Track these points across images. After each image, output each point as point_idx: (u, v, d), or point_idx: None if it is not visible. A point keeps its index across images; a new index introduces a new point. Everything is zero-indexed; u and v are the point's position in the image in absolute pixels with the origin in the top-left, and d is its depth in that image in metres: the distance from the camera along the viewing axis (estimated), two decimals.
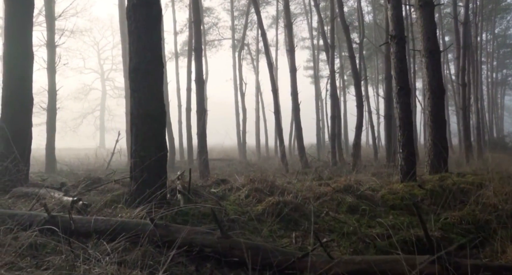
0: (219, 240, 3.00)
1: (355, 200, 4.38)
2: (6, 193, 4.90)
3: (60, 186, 5.63)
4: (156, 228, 3.01)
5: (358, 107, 12.59)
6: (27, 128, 5.62)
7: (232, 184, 5.31)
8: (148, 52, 4.05)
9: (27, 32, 5.64)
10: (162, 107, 4.19)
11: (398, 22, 5.45)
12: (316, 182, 5.77)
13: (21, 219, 3.03)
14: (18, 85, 5.51)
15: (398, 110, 5.46)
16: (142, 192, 3.88)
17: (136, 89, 4.06)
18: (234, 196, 4.84)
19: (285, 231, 3.79)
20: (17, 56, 5.52)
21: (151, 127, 4.07)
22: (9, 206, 4.22)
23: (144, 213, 3.29)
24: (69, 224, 2.87)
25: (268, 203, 4.22)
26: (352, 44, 14.16)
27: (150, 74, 4.05)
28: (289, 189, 4.94)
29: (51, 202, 4.10)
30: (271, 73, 13.00)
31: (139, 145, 4.06)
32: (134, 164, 4.08)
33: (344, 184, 4.94)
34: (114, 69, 49.10)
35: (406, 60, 5.47)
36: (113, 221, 3.06)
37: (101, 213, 3.80)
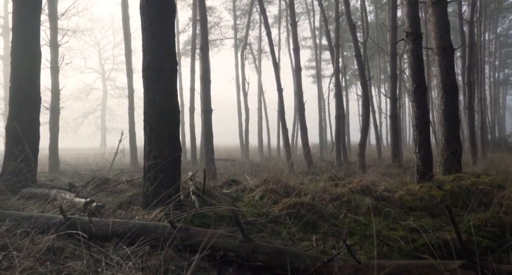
0: (241, 243, 2.89)
1: (373, 202, 4.27)
2: (15, 193, 4.79)
3: (69, 187, 5.53)
4: (176, 231, 2.90)
5: (365, 106, 12.48)
6: (35, 128, 5.51)
7: (245, 184, 5.20)
8: (163, 49, 3.94)
9: (35, 30, 5.54)
10: (176, 106, 4.08)
11: (414, 19, 5.33)
12: (329, 182, 5.67)
13: (36, 221, 2.92)
14: (26, 84, 5.41)
15: (414, 109, 5.35)
16: (157, 194, 3.77)
17: (150, 87, 3.95)
18: (248, 197, 4.73)
19: (304, 234, 3.68)
20: (25, 55, 5.42)
21: (166, 126, 3.96)
22: (19, 207, 4.11)
23: (162, 215, 3.18)
24: (88, 227, 2.76)
25: (285, 204, 4.11)
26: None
27: (164, 72, 3.94)
28: (303, 190, 4.84)
29: (63, 204, 3.99)
30: (276, 72, 12.89)
31: (153, 145, 3.95)
32: (148, 164, 3.97)
33: (360, 184, 4.83)
34: (115, 69, 49.09)
35: (422, 58, 5.35)
36: (131, 223, 2.95)
37: (114, 215, 3.69)
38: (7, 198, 4.45)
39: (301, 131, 14.26)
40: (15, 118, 5.31)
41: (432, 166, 5.37)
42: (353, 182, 5.44)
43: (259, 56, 27.75)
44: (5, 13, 28.31)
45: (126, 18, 17.78)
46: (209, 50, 9.56)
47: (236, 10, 28.39)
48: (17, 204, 4.27)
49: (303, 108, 14.17)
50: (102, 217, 3.50)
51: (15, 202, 4.33)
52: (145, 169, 4.04)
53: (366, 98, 12.57)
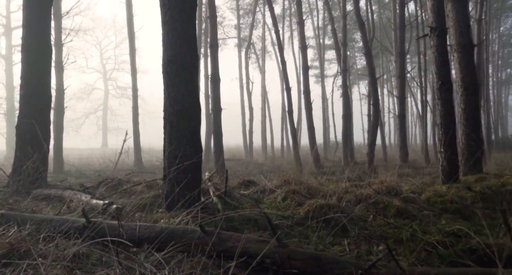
0: (276, 249, 2.71)
1: (402, 203, 4.09)
2: (27, 194, 4.61)
3: (81, 188, 5.35)
4: (207, 235, 2.72)
5: (374, 106, 12.30)
6: (46, 127, 5.33)
7: (263, 185, 5.02)
8: (185, 43, 3.76)
9: (46, 25, 5.36)
10: (198, 103, 3.90)
11: (439, 13, 5.13)
12: (349, 183, 5.49)
13: (58, 225, 2.74)
14: (37, 82, 5.23)
15: (439, 107, 5.16)
16: (180, 195, 3.59)
17: (171, 84, 3.76)
18: (269, 198, 4.55)
19: (334, 238, 3.49)
20: (36, 51, 5.24)
21: (187, 125, 3.78)
22: (33, 209, 3.93)
23: (189, 218, 3.00)
24: (114, 231, 2.58)
25: (311, 206, 3.93)
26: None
27: (185, 68, 3.76)
28: (326, 191, 4.66)
29: (80, 206, 3.82)
30: (284, 71, 12.71)
31: (174, 144, 3.76)
32: (168, 164, 3.79)
33: (385, 185, 4.65)
34: (116, 69, 48.90)
35: (447, 54, 5.17)
36: (157, 227, 2.77)
37: (134, 217, 3.52)
38: (20, 199, 4.27)
39: (309, 131, 14.07)
40: (26, 117, 5.13)
41: (458, 166, 5.19)
42: (375, 183, 5.26)
43: (263, 55, 27.57)
44: (7, 12, 28.11)
45: (130, 17, 17.59)
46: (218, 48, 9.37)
47: (239, 9, 28.20)
48: (31, 205, 4.09)
49: (311, 107, 13.99)
50: (123, 220, 3.32)
51: (28, 203, 4.15)
52: (165, 170, 3.86)
53: (375, 97, 12.39)
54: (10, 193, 4.59)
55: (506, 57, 43.63)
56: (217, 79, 9.25)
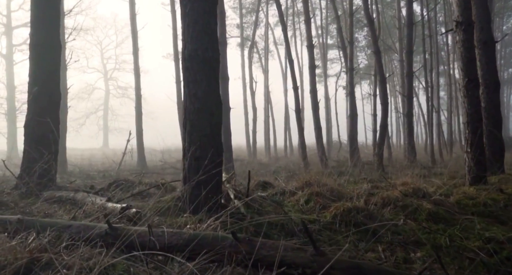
0: (313, 257, 2.50)
1: (433, 206, 3.88)
2: (37, 197, 4.40)
3: (90, 189, 5.15)
4: (239, 243, 2.51)
5: (383, 105, 12.09)
6: (55, 126, 5.12)
7: (283, 187, 4.82)
8: (206, 36, 3.55)
9: (55, 22, 5.15)
10: (220, 100, 3.69)
11: (465, 7, 4.92)
12: (369, 184, 5.28)
13: (77, 231, 2.53)
14: (46, 80, 5.02)
15: (465, 105, 4.96)
16: (200, 198, 3.38)
17: (191, 80, 3.55)
18: (291, 201, 4.35)
19: (366, 243, 3.29)
20: (44, 48, 5.03)
21: (209, 123, 3.57)
22: (46, 212, 3.72)
23: (218, 223, 2.79)
24: (142, 239, 2.37)
25: (338, 209, 3.72)
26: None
27: (207, 63, 3.55)
28: (350, 193, 4.46)
29: (94, 209, 3.61)
30: (292, 69, 12.51)
31: (194, 144, 3.56)
32: (188, 166, 3.58)
33: (411, 187, 4.45)
34: (117, 69, 48.69)
35: (474, 49, 4.96)
36: (186, 234, 2.56)
37: (153, 222, 3.31)
38: (31, 202, 4.06)
39: (316, 131, 13.88)
40: (34, 116, 4.92)
41: (486, 167, 4.99)
42: (397, 184, 5.06)
43: (266, 55, 27.36)
44: (8, 11, 27.88)
45: (133, 15, 17.36)
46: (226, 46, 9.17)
47: (241, 8, 27.99)
48: (43, 208, 3.88)
49: (318, 107, 13.81)
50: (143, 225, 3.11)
51: (40, 206, 3.94)
52: (184, 171, 3.65)
53: (384, 97, 12.18)
54: (19, 195, 4.38)
55: (508, 56, 43.52)
56: (226, 78, 9.05)
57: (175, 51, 16.07)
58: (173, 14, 16.12)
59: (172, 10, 16.12)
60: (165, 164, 17.92)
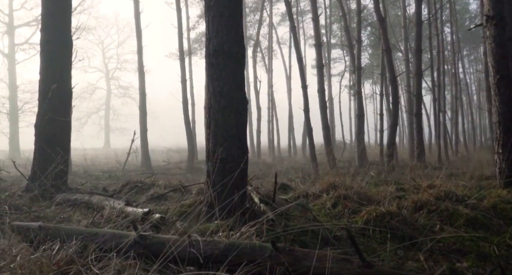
0: (360, 269, 2.30)
1: (471, 211, 3.67)
2: (48, 200, 4.20)
3: (102, 191, 4.94)
4: (280, 253, 2.31)
5: (394, 104, 11.90)
6: (67, 125, 4.92)
7: (305, 189, 4.61)
8: (232, 30, 3.34)
9: (66, 17, 4.94)
10: (246, 98, 3.49)
11: (496, 1, 4.69)
12: (393, 186, 5.07)
13: (104, 239, 2.33)
14: (57, 77, 4.81)
15: (496, 103, 4.75)
16: (226, 202, 3.17)
17: (216, 76, 3.35)
18: (316, 204, 4.14)
19: (405, 251, 3.08)
20: (56, 44, 4.83)
21: (235, 123, 3.36)
22: (61, 217, 3.52)
23: (253, 231, 2.58)
24: (176, 248, 2.16)
25: (370, 214, 3.52)
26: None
27: (233, 58, 3.34)
28: (378, 196, 4.25)
29: (113, 214, 3.41)
30: (301, 68, 12.28)
31: (220, 145, 3.35)
32: (213, 168, 3.37)
33: (441, 190, 4.24)
34: (119, 68, 48.47)
35: (506, 44, 4.74)
36: (221, 243, 2.36)
37: (179, 228, 3.10)
38: (45, 206, 3.85)
39: (324, 131, 13.66)
40: (45, 115, 4.72)
41: None
42: (423, 186, 4.85)
43: (269, 54, 27.14)
44: (10, 10, 27.67)
45: (138, 14, 17.13)
46: None
47: (245, 7, 27.77)
48: (57, 212, 3.68)
49: (326, 106, 13.59)
50: (168, 230, 2.90)
51: (54, 210, 3.73)
52: (209, 173, 3.45)
53: (395, 96, 11.99)
54: (31, 198, 4.18)
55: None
56: None
57: (180, 50, 15.85)
58: (178, 13, 15.89)
59: (178, 9, 15.90)
60: (169, 164, 17.76)
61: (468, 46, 40.06)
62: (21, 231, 2.37)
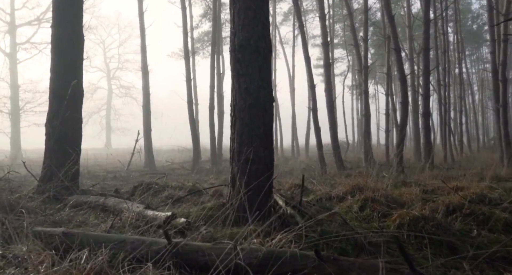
0: None
1: (510, 215, 3.48)
2: (59, 202, 4.01)
3: (115, 193, 4.76)
4: (324, 262, 2.13)
5: (403, 104, 11.71)
6: (78, 125, 4.73)
7: (327, 191, 4.43)
8: (259, 24, 3.16)
9: (78, 12, 4.76)
10: (272, 96, 3.30)
11: None
12: (416, 188, 4.89)
13: (132, 246, 2.14)
14: (68, 75, 4.62)
15: None
16: (256, 206, 2.99)
17: (243, 73, 3.16)
18: (342, 207, 3.95)
19: (445, 258, 2.89)
20: (68, 40, 4.65)
21: (261, 122, 3.18)
22: (77, 220, 3.33)
23: (291, 237, 2.40)
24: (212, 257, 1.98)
25: (403, 218, 3.33)
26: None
27: (260, 53, 3.17)
28: (406, 199, 4.07)
29: (132, 217, 3.22)
30: (309, 67, 12.11)
31: (245, 145, 3.17)
32: (238, 168, 3.19)
33: (472, 192, 4.06)
34: (120, 68, 48.28)
35: None
36: (259, 252, 2.17)
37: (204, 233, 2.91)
38: (59, 208, 3.66)
39: (331, 131, 13.49)
40: (57, 114, 4.53)
41: None
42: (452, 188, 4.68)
43: (274, 54, 26.98)
44: (12, 10, 27.47)
45: (141, 12, 16.94)
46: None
47: None
48: (72, 215, 3.49)
49: (333, 106, 13.44)
50: (192, 236, 2.72)
51: (68, 213, 3.55)
52: (233, 174, 3.27)
53: (404, 95, 11.80)
54: (43, 200, 3.99)
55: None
56: None
57: (185, 49, 15.67)
58: (183, 11, 15.72)
59: (183, 7, 15.72)
60: (172, 164, 17.58)
61: (469, 46, 39.92)
62: (42, 237, 2.19)
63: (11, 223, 2.85)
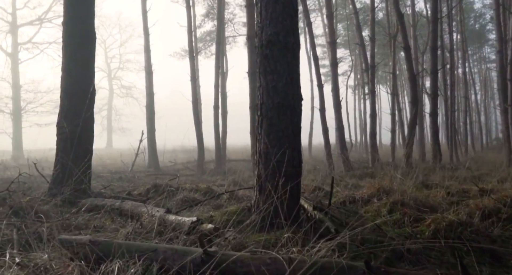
0: None
1: None
2: (73, 205, 3.84)
3: (128, 196, 4.59)
4: (374, 274, 1.95)
5: (413, 103, 11.55)
6: (90, 124, 4.56)
7: (350, 194, 4.26)
8: (288, 18, 2.99)
9: (90, 8, 4.58)
10: (300, 94, 3.13)
11: None
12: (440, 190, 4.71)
13: (165, 256, 1.97)
14: (80, 72, 4.45)
15: None
16: (286, 211, 2.82)
17: (270, 70, 2.99)
18: (368, 211, 3.78)
19: (491, 268, 2.71)
20: (80, 38, 4.47)
21: (290, 122, 3.01)
22: (95, 225, 3.16)
23: (334, 246, 2.22)
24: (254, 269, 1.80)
25: (439, 223, 3.16)
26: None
27: (289, 49, 3.00)
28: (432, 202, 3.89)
29: (153, 222, 3.05)
30: (317, 66, 11.95)
31: (273, 146, 3.00)
32: (265, 171, 3.02)
33: (509, 195, 3.88)
34: (121, 68, 48.09)
35: None
36: (302, 262, 2.00)
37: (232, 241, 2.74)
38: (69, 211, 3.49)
39: (338, 131, 13.32)
40: (68, 114, 4.36)
41: None
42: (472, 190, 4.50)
43: None
44: (13, 9, 27.30)
45: (145, 11, 16.76)
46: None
47: None
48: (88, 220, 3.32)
49: (340, 105, 13.25)
50: (224, 244, 2.54)
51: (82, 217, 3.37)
52: (259, 177, 3.09)
53: (414, 95, 11.64)
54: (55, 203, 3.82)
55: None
56: (255, 73, 8.44)
57: (190, 48, 15.48)
58: (188, 10, 15.53)
59: (187, 6, 15.54)
60: (176, 165, 17.41)
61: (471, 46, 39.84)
62: (69, 246, 2.01)
63: (28, 228, 2.68)
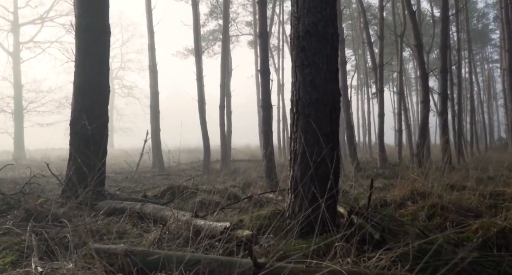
0: None
1: None
2: (90, 208, 3.62)
3: (144, 198, 4.37)
4: None
5: (424, 103, 11.33)
6: (104, 123, 4.34)
7: (382, 196, 4.04)
8: (327, 7, 2.76)
9: (104, 1, 4.36)
10: (339, 90, 2.91)
11: None
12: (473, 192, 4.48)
13: (210, 268, 1.75)
14: (94, 69, 4.22)
15: None
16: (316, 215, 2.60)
17: (308, 63, 2.76)
18: (404, 214, 3.56)
19: None
20: (94, 32, 4.25)
21: (329, 119, 2.79)
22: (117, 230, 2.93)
23: (394, 257, 2.00)
24: None
25: (488, 230, 2.93)
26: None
27: (328, 41, 2.77)
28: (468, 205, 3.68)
29: (181, 227, 2.83)
30: None
31: (310, 146, 2.77)
32: (301, 172, 2.79)
33: None
34: (122, 68, 47.89)
35: None
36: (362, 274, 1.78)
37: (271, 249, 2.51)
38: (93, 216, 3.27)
39: (347, 131, 13.14)
40: (82, 112, 4.14)
41: None
42: (505, 192, 4.28)
43: (279, 53, 26.61)
44: (15, 8, 27.08)
45: (149, 10, 16.54)
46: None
47: (255, 4, 27.23)
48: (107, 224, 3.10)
49: (349, 105, 13.08)
50: (265, 252, 2.32)
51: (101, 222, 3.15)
52: (295, 179, 2.87)
53: (425, 94, 11.42)
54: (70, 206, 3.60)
55: None
56: (267, 73, 8.25)
57: (196, 46, 15.28)
58: (194, 8, 15.32)
59: (194, 3, 15.33)
60: (180, 165, 17.20)
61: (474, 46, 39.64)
62: (105, 256, 1.79)
63: (48, 233, 2.46)
